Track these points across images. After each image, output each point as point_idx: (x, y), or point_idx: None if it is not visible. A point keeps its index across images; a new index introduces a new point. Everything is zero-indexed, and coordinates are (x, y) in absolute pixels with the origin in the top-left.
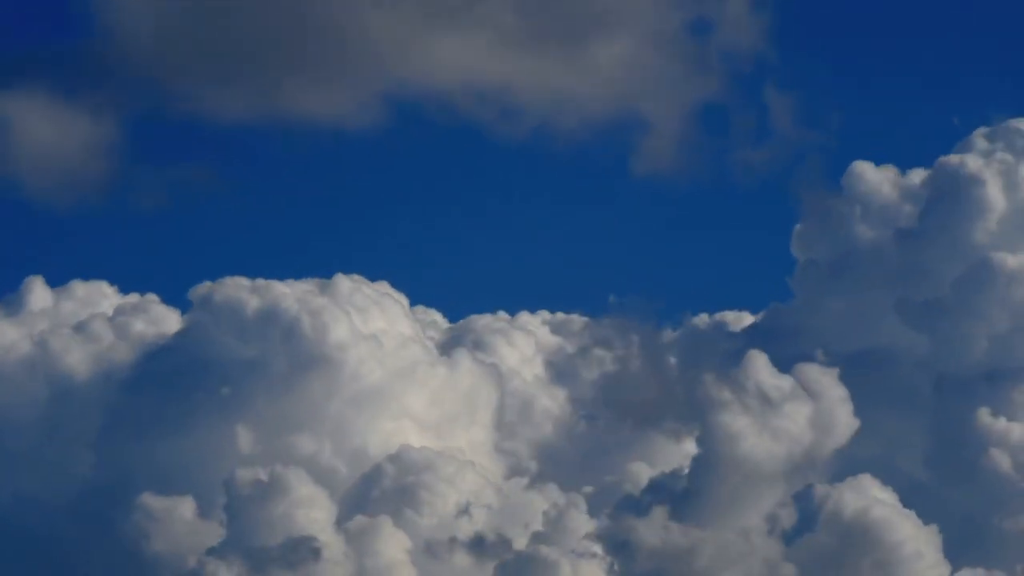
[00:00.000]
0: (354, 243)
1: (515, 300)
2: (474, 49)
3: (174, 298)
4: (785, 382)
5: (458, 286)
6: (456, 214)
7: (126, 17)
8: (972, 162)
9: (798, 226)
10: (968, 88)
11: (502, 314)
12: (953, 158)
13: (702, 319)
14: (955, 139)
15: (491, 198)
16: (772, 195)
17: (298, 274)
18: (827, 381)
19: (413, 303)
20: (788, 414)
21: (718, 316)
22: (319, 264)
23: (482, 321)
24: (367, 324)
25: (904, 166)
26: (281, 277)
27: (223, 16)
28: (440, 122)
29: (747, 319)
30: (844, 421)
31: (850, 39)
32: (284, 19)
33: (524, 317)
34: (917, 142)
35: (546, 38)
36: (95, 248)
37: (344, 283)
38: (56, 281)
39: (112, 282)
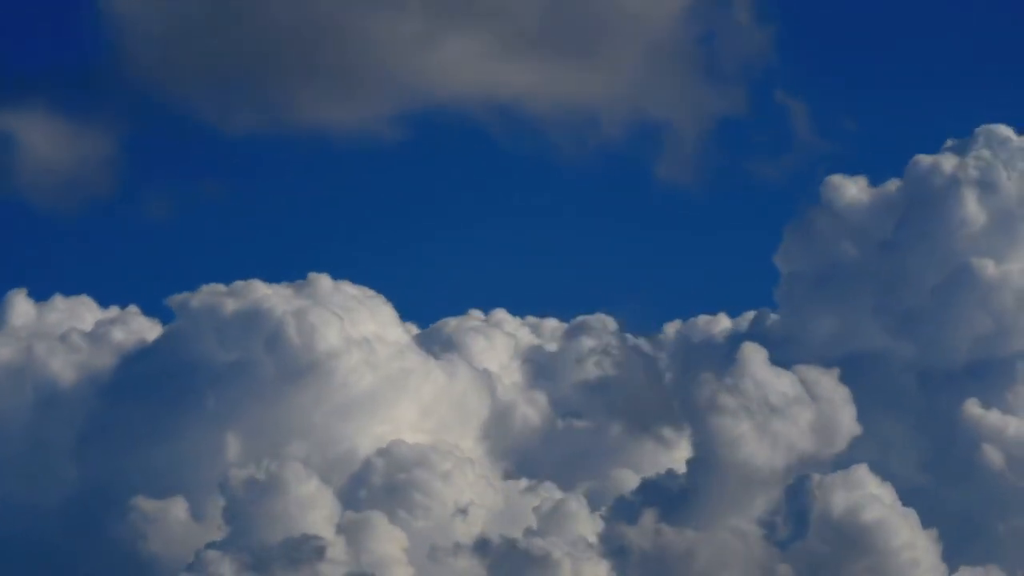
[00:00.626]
0: (351, 250)
1: (506, 304)
2: (485, 59)
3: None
4: (782, 383)
5: (438, 293)
6: (454, 221)
7: (133, 30)
8: (945, 168)
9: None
10: (973, 93)
11: (476, 313)
12: (924, 160)
13: (690, 324)
14: None
15: (492, 205)
16: (776, 202)
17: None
18: (826, 382)
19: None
20: (785, 414)
21: (701, 320)
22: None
23: (455, 324)
24: (356, 328)
25: None
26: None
27: (229, 28)
28: (451, 132)
29: (726, 323)
30: (843, 422)
31: (855, 45)
32: (290, 29)
33: (504, 318)
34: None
35: (553, 48)
36: (97, 261)
37: (331, 287)
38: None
39: (111, 295)
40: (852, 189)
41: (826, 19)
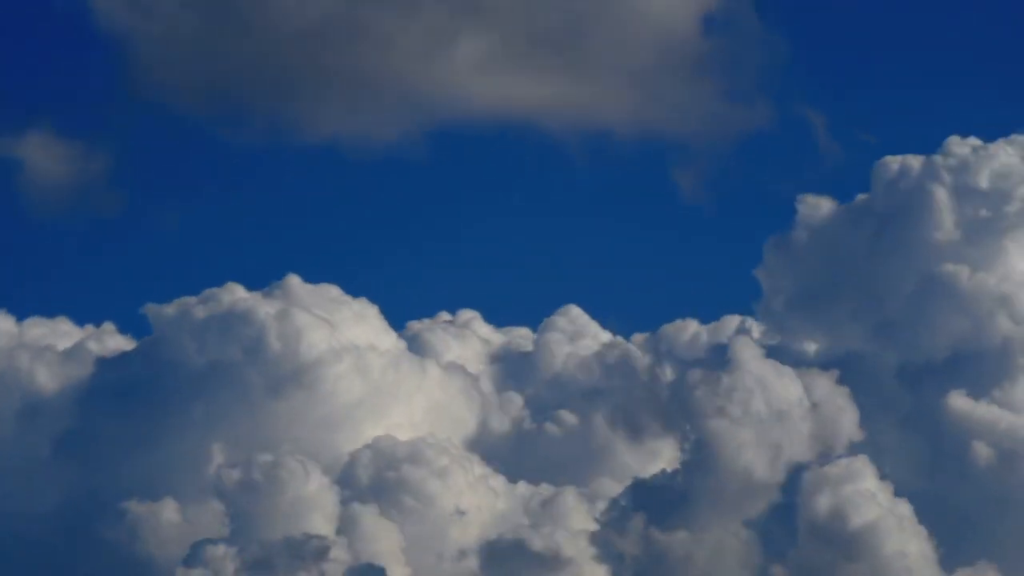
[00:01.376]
0: (356, 258)
1: (502, 306)
2: (496, 70)
3: None
4: (781, 383)
5: (437, 296)
6: (454, 226)
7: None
8: (915, 179)
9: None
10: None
11: (446, 315)
12: (894, 163)
13: (684, 326)
14: None
15: (495, 210)
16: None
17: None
18: (824, 382)
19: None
20: (777, 414)
21: (692, 324)
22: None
23: (431, 325)
24: (344, 333)
25: None
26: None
27: (234, 39)
28: (462, 143)
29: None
30: (843, 425)
31: (870, 53)
32: (293, 37)
33: (475, 321)
34: None
35: (565, 59)
36: (103, 275)
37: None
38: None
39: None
40: (826, 206)
41: (841, 28)
